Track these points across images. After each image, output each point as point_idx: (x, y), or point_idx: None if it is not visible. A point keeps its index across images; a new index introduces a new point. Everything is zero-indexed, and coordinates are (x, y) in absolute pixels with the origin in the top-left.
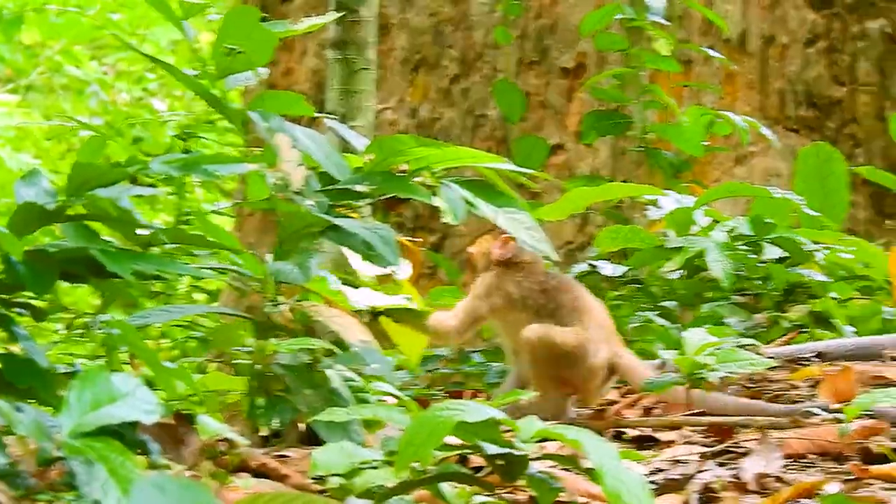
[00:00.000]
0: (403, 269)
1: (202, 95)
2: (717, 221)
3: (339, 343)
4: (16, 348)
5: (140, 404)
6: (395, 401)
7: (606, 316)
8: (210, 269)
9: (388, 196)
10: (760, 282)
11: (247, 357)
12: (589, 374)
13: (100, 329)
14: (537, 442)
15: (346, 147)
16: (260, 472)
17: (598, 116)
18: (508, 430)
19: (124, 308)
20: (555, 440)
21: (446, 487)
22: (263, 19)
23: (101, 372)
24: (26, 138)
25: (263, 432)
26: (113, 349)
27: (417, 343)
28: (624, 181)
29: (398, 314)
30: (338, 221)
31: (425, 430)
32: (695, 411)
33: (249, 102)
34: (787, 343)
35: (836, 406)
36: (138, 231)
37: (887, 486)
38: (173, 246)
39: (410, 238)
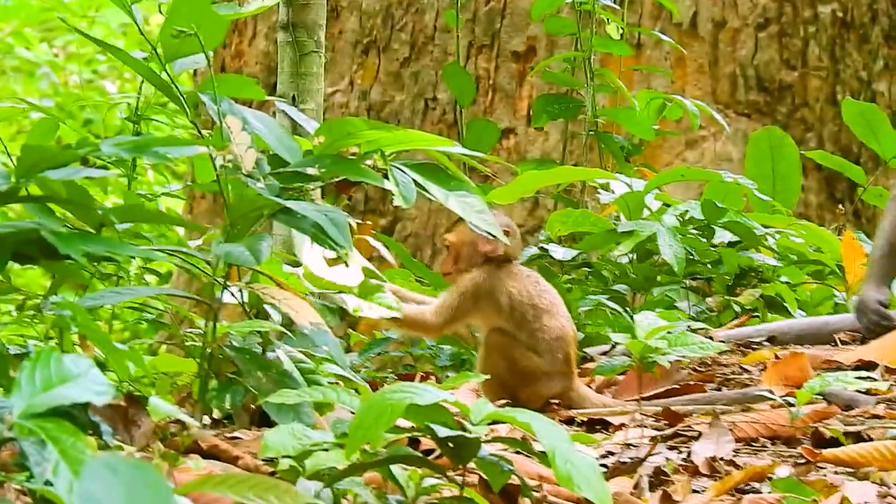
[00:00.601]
0: (353, 274)
1: (149, 79)
2: (669, 205)
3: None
4: None
5: (91, 385)
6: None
7: (574, 342)
8: (161, 251)
9: (339, 179)
10: (712, 266)
11: (198, 339)
12: (534, 397)
13: (51, 310)
14: (488, 425)
15: (296, 130)
16: (211, 454)
17: (548, 100)
18: (459, 413)
19: (75, 289)
20: (506, 423)
21: (397, 470)
22: (213, 2)
23: (53, 353)
24: None
25: (215, 414)
26: (64, 330)
27: None
28: (575, 165)
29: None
30: (289, 204)
31: (376, 413)
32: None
33: (200, 85)
34: (739, 327)
35: (787, 390)
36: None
37: (838, 469)
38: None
39: (360, 221)
